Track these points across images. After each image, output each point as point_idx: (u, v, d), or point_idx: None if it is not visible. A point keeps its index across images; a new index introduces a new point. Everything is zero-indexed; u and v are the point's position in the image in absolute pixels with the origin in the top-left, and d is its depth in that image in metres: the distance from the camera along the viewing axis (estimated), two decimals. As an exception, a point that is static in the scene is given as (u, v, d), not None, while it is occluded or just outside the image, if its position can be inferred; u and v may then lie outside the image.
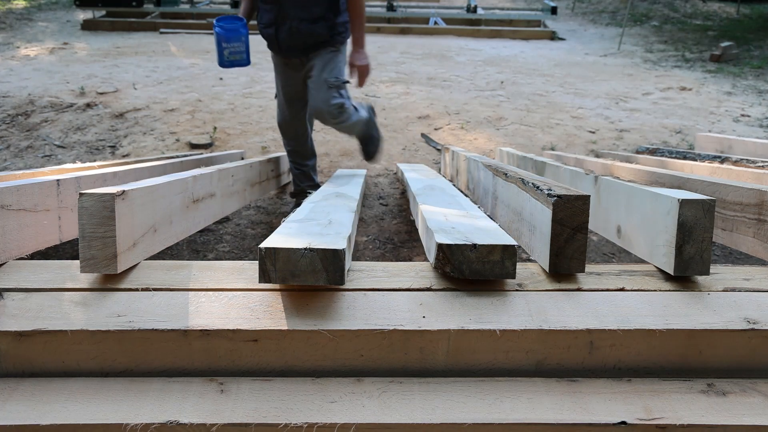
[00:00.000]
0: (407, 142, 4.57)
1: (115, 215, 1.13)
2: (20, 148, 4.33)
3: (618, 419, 0.94)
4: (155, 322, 1.04)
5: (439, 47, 8.77)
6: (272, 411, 0.95)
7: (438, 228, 1.25)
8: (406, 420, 0.93)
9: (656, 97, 6.21)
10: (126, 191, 1.18)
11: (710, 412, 0.96)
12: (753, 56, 8.45)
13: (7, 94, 5.45)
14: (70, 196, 1.70)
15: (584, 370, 1.05)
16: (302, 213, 1.46)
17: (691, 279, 1.19)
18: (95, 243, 1.13)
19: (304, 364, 1.04)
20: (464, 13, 11.21)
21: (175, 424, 0.92)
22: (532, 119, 5.22)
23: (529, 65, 7.71)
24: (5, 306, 1.07)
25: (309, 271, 1.04)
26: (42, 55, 7.45)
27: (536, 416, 0.94)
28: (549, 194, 1.17)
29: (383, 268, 1.21)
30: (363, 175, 2.94)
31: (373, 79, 6.38)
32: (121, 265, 1.15)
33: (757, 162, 2.41)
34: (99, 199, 1.13)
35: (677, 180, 1.76)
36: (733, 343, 1.05)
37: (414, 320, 1.04)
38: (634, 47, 9.23)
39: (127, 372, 1.04)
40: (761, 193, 1.38)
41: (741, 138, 3.44)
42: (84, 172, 1.96)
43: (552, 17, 11.33)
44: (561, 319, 1.05)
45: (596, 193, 1.58)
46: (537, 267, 1.23)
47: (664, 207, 1.17)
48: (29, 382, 1.01)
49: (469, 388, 1.00)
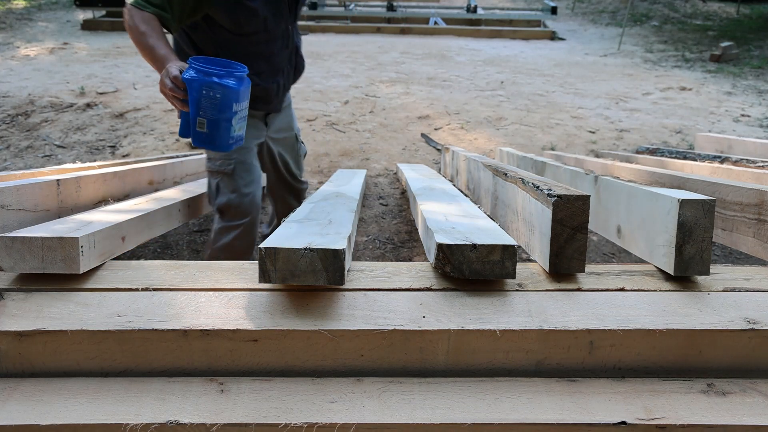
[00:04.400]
0: (407, 142, 4.57)
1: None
2: (20, 148, 4.33)
3: (618, 419, 0.94)
4: (155, 322, 1.04)
5: (439, 47, 8.77)
6: (272, 411, 0.95)
7: (438, 228, 1.25)
8: (406, 420, 0.93)
9: (656, 97, 6.21)
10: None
11: (710, 412, 0.96)
12: (753, 56, 8.45)
13: (7, 94, 5.45)
14: (70, 196, 1.70)
15: (584, 370, 1.05)
16: (302, 213, 1.46)
17: (691, 279, 1.19)
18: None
19: (304, 364, 1.04)
20: (464, 13, 11.21)
21: (175, 424, 0.92)
22: (532, 119, 5.22)
23: (529, 65, 7.71)
24: (5, 306, 1.07)
25: (309, 271, 1.04)
26: (42, 55, 7.45)
27: (536, 416, 0.94)
28: (549, 194, 1.17)
29: (383, 268, 1.21)
30: (363, 175, 2.95)
31: (373, 79, 6.38)
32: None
33: (757, 162, 2.41)
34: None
35: (677, 180, 1.76)
36: (733, 343, 1.05)
37: (414, 320, 1.04)
38: (634, 47, 9.23)
39: (127, 372, 1.04)
40: (761, 193, 1.38)
41: (741, 138, 3.44)
42: (84, 172, 1.96)
43: (552, 17, 11.32)
44: (561, 319, 1.05)
45: (596, 193, 1.58)
46: (537, 267, 1.23)
47: (664, 207, 1.17)
48: (29, 382, 1.01)
49: (469, 388, 1.00)
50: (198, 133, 1.55)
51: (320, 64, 7.11)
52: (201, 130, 1.54)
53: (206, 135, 1.55)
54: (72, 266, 1.12)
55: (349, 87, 6.01)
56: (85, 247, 1.14)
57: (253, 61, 1.95)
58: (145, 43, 1.75)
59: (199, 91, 1.52)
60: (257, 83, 1.98)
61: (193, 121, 1.54)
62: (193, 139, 1.57)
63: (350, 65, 7.14)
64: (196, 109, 1.53)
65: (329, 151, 4.29)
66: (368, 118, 5.04)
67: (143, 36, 1.76)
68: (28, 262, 1.12)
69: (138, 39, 1.76)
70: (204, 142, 1.56)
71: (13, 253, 1.11)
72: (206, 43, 1.99)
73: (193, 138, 1.57)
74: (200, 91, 1.51)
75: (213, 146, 1.57)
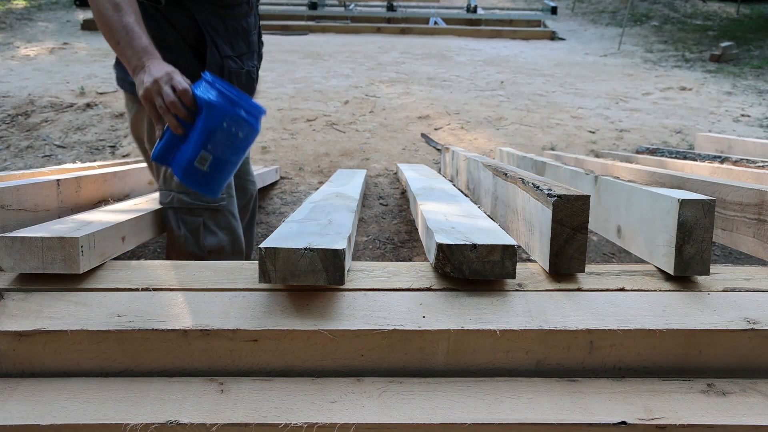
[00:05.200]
0: (407, 142, 4.57)
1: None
2: (20, 148, 4.33)
3: (618, 419, 0.93)
4: (155, 322, 1.04)
5: (439, 47, 8.77)
6: (272, 411, 0.95)
7: (438, 228, 1.25)
8: (406, 420, 0.93)
9: (656, 97, 6.21)
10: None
11: (710, 412, 0.96)
12: (753, 56, 8.45)
13: (7, 94, 5.45)
14: (70, 196, 1.70)
15: (584, 370, 1.05)
16: (302, 213, 1.46)
17: (691, 279, 1.19)
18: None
19: (304, 364, 1.04)
20: (464, 13, 11.21)
21: (175, 424, 0.92)
22: (532, 119, 5.22)
23: (529, 65, 7.71)
24: (5, 306, 1.07)
25: (309, 271, 1.04)
26: (42, 55, 7.45)
27: (536, 416, 0.94)
28: (549, 194, 1.17)
29: (383, 268, 1.21)
30: (363, 175, 2.95)
31: (373, 79, 6.38)
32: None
33: (757, 162, 2.41)
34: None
35: (677, 180, 1.76)
36: (733, 343, 1.05)
37: (414, 320, 1.04)
38: (634, 47, 9.23)
39: (127, 372, 1.04)
40: (761, 193, 1.38)
41: (741, 138, 3.44)
42: (84, 172, 1.97)
43: (552, 17, 11.32)
44: (561, 319, 1.05)
45: (596, 193, 1.58)
46: (537, 267, 1.23)
47: (664, 207, 1.17)
48: (29, 382, 1.01)
49: (469, 388, 1.00)
50: (193, 170, 1.22)
51: (320, 64, 7.11)
52: (199, 167, 1.21)
53: (203, 175, 1.22)
54: (72, 266, 1.12)
55: (349, 87, 6.00)
56: (85, 247, 1.14)
57: (234, 39, 1.68)
58: (118, 21, 1.32)
59: (219, 121, 1.21)
60: (242, 67, 1.70)
61: (191, 154, 1.21)
62: (183, 173, 1.23)
63: (350, 65, 7.14)
64: (204, 142, 1.21)
65: (329, 151, 4.29)
66: (368, 118, 5.04)
67: (117, 10, 1.32)
68: (28, 262, 1.12)
69: (105, 14, 1.33)
70: (197, 182, 1.24)
71: (13, 253, 1.11)
72: (184, 22, 1.59)
73: (183, 172, 1.23)
74: (220, 122, 1.21)
75: (205, 189, 1.26)
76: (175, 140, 1.25)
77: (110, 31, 1.33)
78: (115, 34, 1.32)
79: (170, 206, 1.65)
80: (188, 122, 1.24)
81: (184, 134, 1.25)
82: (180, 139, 1.25)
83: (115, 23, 1.32)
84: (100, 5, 1.33)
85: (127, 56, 1.33)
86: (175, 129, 1.25)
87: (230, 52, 1.65)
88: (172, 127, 1.26)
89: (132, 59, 1.32)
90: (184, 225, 1.66)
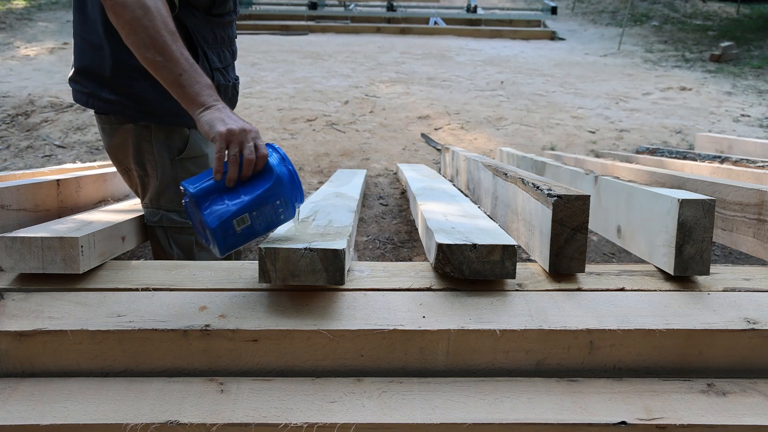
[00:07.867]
0: (407, 142, 4.57)
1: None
2: (20, 148, 4.33)
3: (618, 419, 0.94)
4: (155, 322, 1.04)
5: (439, 47, 8.77)
6: (272, 411, 0.95)
7: (438, 228, 1.25)
8: (406, 420, 0.93)
9: (656, 97, 6.21)
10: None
11: (710, 412, 0.96)
12: (753, 56, 8.45)
13: (7, 94, 5.45)
14: (70, 196, 1.70)
15: (584, 370, 1.05)
16: (302, 213, 1.46)
17: (691, 279, 1.19)
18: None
19: (304, 364, 1.04)
20: (464, 13, 11.21)
21: (175, 424, 0.92)
22: (532, 119, 5.22)
23: (529, 65, 7.71)
24: (5, 306, 1.07)
25: (309, 271, 1.04)
26: (42, 55, 7.45)
27: (536, 416, 0.94)
28: (549, 194, 1.17)
29: (383, 268, 1.21)
30: (363, 175, 2.95)
31: (373, 79, 6.39)
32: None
33: (757, 162, 2.41)
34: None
35: (677, 180, 1.76)
36: (733, 343, 1.05)
37: (414, 320, 1.04)
38: (634, 47, 9.23)
39: (127, 372, 1.04)
40: (761, 193, 1.38)
41: (741, 138, 3.44)
42: (84, 172, 1.97)
43: (552, 17, 11.32)
44: (561, 319, 1.05)
45: (596, 193, 1.58)
46: (537, 267, 1.23)
47: (664, 207, 1.17)
48: (29, 382, 1.01)
49: (469, 388, 1.00)
50: (230, 225, 1.14)
51: (320, 64, 7.11)
52: (235, 226, 1.14)
53: (234, 235, 1.15)
54: (72, 266, 1.12)
55: (349, 87, 6.00)
56: (85, 247, 1.14)
57: (221, 50, 1.60)
58: (178, 52, 1.24)
59: (276, 198, 1.16)
60: (229, 81, 1.64)
61: (236, 211, 1.14)
62: (219, 223, 1.13)
63: (350, 65, 7.14)
64: (253, 207, 1.15)
65: (329, 151, 4.29)
66: (368, 118, 5.04)
67: (174, 41, 1.25)
68: (28, 262, 1.12)
69: (161, 42, 1.23)
70: (224, 236, 1.14)
71: (13, 253, 1.11)
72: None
73: (220, 223, 1.13)
74: (277, 198, 1.16)
75: (223, 245, 1.16)
76: (218, 186, 1.18)
77: (169, 61, 1.24)
78: (175, 67, 1.24)
79: (159, 225, 1.58)
80: (243, 180, 1.19)
81: (232, 187, 1.18)
82: (224, 188, 1.18)
83: (174, 53, 1.24)
84: (153, 31, 1.23)
85: (193, 91, 1.24)
86: (229, 182, 1.17)
87: (219, 64, 1.59)
88: (229, 179, 1.17)
89: (200, 96, 1.24)
90: (176, 244, 1.60)
